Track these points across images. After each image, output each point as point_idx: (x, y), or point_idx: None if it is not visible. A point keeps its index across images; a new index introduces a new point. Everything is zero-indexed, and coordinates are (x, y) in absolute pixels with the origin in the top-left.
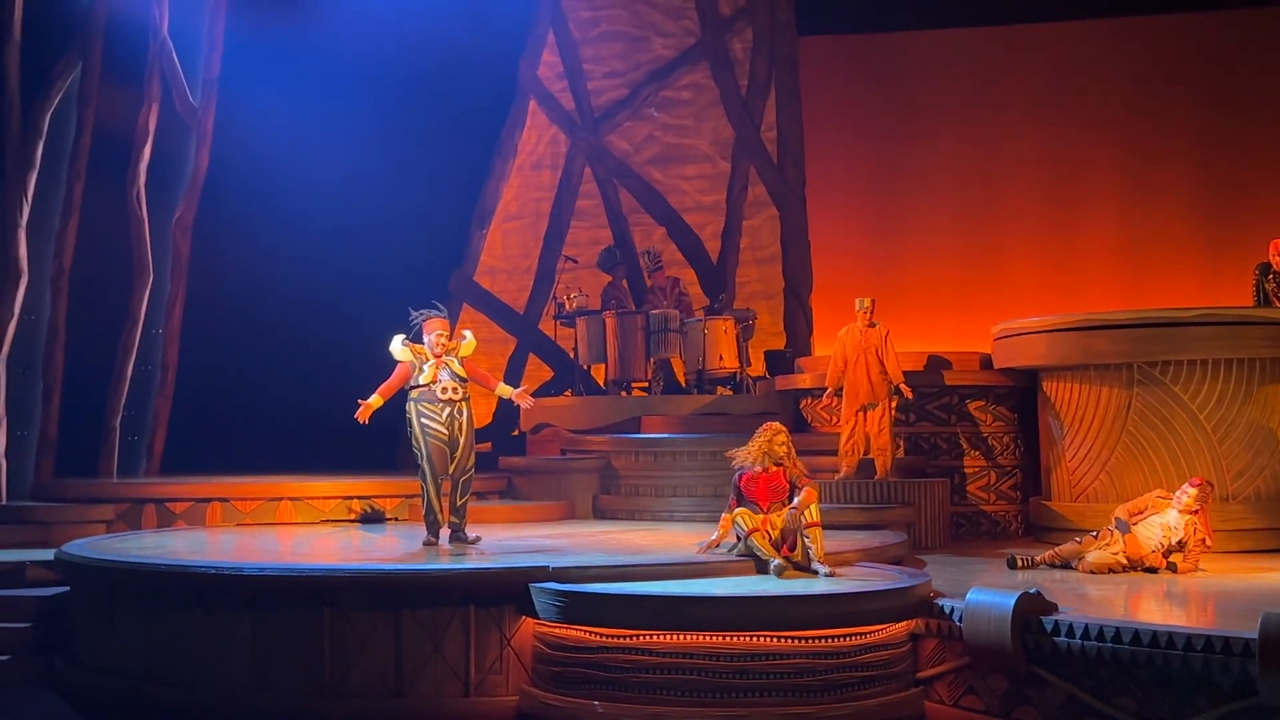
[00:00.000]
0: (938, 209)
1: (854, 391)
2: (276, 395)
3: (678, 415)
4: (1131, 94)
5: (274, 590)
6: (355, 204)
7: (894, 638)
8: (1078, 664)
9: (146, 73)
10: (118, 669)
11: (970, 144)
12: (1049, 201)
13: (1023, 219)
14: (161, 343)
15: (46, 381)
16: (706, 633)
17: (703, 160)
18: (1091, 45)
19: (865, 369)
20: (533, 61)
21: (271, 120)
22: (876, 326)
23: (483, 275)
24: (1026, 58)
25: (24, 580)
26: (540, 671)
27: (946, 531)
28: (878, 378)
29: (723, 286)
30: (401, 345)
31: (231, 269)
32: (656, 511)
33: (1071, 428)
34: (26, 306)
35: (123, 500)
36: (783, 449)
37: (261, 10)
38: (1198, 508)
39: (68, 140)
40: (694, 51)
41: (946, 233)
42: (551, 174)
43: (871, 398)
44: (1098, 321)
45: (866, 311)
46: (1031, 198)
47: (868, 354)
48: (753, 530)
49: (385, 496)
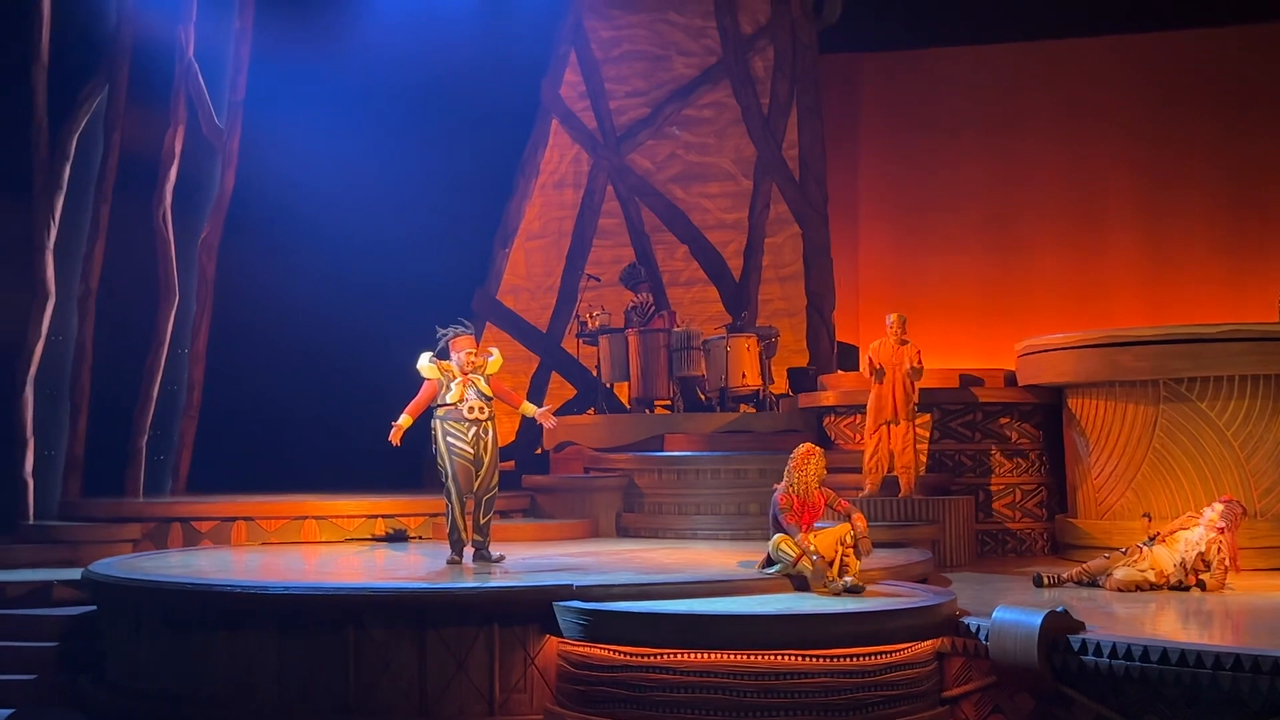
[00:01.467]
0: (961, 225)
1: (879, 406)
2: (301, 414)
3: (701, 433)
4: (1154, 111)
5: (299, 609)
6: (379, 224)
7: (919, 656)
8: (1105, 683)
9: (172, 95)
10: (144, 688)
11: (992, 161)
12: (1072, 218)
13: (1045, 235)
14: (187, 363)
15: (73, 402)
16: (730, 651)
17: (725, 178)
18: (1114, 62)
19: (892, 385)
20: (555, 81)
21: (296, 141)
22: (908, 344)
23: (506, 294)
24: (1048, 74)
25: (51, 599)
26: (564, 690)
27: (971, 549)
28: (903, 395)
29: (745, 304)
30: (429, 362)
31: (256, 289)
32: (680, 529)
33: (1097, 444)
34: (54, 327)
35: (149, 519)
36: (814, 470)
37: (286, 33)
38: (1223, 525)
39: (94, 162)
40: (715, 70)
41: (969, 249)
42: (574, 193)
43: (895, 415)
44: (1124, 338)
45: (898, 327)
46: (1054, 214)
47: (898, 369)
48: (799, 557)
49: (409, 515)
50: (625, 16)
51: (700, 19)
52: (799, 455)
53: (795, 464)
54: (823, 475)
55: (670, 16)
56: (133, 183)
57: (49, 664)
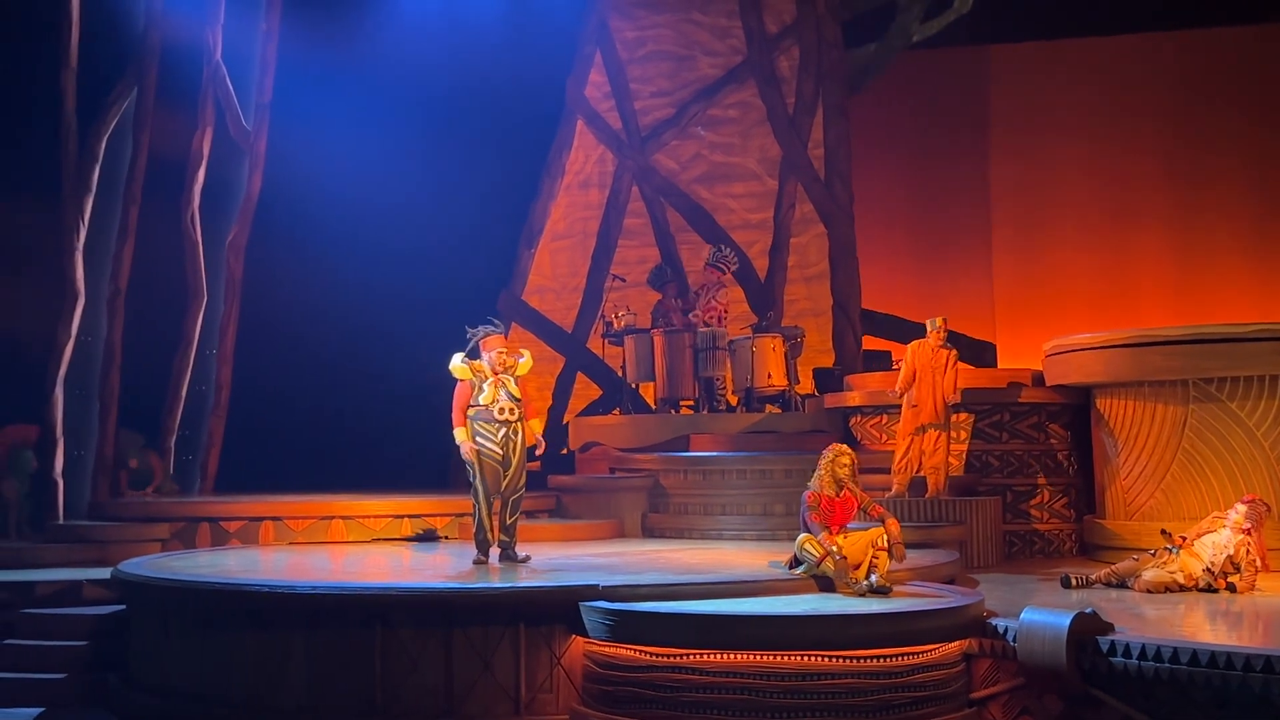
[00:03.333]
0: (987, 225)
1: (918, 408)
2: (328, 414)
3: (726, 434)
4: (1183, 109)
5: (326, 609)
6: (404, 225)
7: (947, 658)
8: (1134, 685)
9: (200, 97)
10: (172, 687)
11: (1019, 159)
12: (1100, 217)
13: (1073, 234)
14: (215, 363)
15: (103, 402)
16: (757, 652)
17: (750, 178)
18: (1142, 60)
19: (932, 388)
20: (580, 82)
21: (322, 143)
22: (948, 348)
23: (531, 294)
24: (1077, 72)
25: (80, 599)
26: (590, 690)
27: (999, 550)
28: (942, 399)
29: (771, 304)
30: (461, 363)
31: (283, 290)
32: (706, 530)
33: (1126, 445)
34: (83, 328)
35: (177, 519)
36: (844, 470)
37: (313, 35)
38: (1248, 525)
39: (123, 164)
40: (741, 70)
41: (995, 249)
42: (599, 193)
43: (934, 417)
44: (1153, 337)
45: (940, 330)
46: (1082, 213)
47: (937, 373)
48: (823, 558)
49: (436, 515)
50: (650, 16)
51: (725, 18)
52: (827, 455)
53: (823, 463)
54: (852, 475)
55: (695, 16)
56: (161, 184)
57: (78, 663)
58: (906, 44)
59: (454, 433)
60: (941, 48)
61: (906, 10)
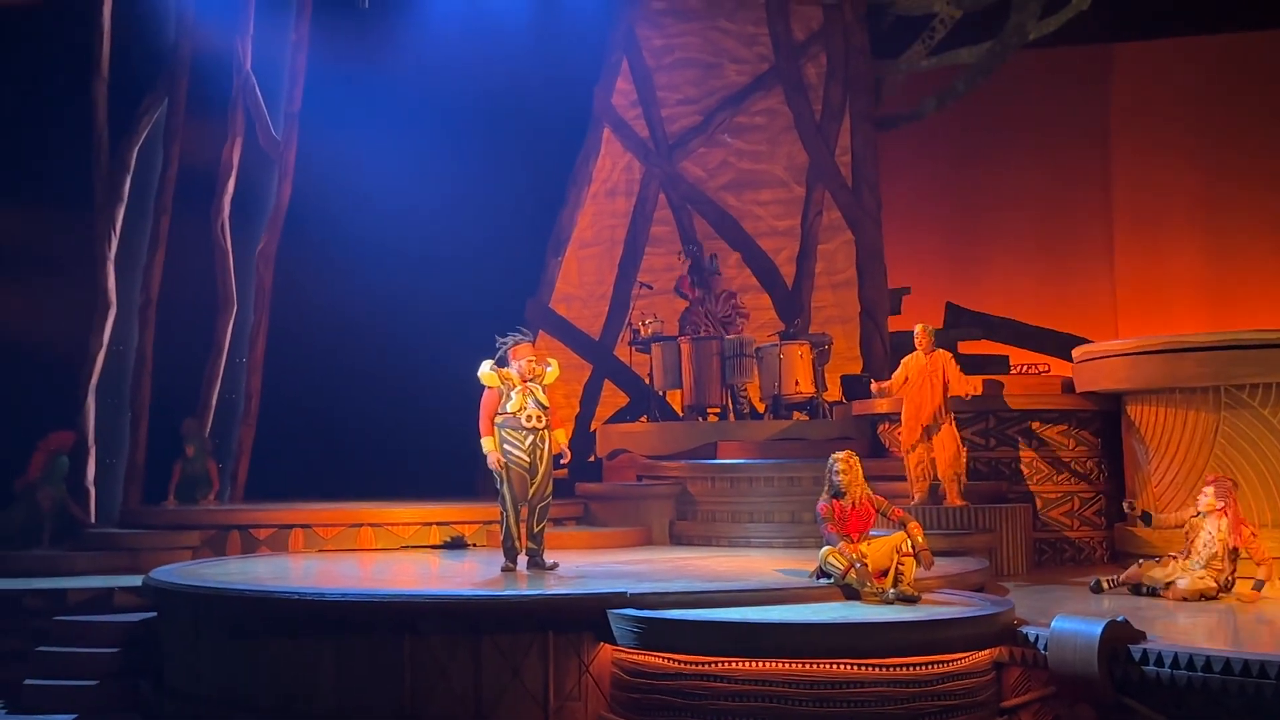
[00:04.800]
0: (1015, 231)
1: (915, 415)
2: (356, 422)
3: (754, 441)
4: (1213, 114)
5: (356, 616)
6: (432, 233)
7: (977, 666)
8: (1167, 693)
9: (230, 107)
10: (203, 694)
11: (1048, 165)
12: (1129, 223)
13: (1102, 240)
14: (245, 371)
15: (134, 410)
16: (785, 660)
17: (777, 185)
18: (1171, 65)
19: (929, 393)
20: (607, 89)
21: (351, 152)
22: (937, 352)
23: (558, 302)
24: (1106, 77)
25: (112, 606)
26: (618, 698)
27: (1029, 558)
28: (939, 403)
29: (798, 311)
30: (490, 370)
31: (312, 299)
32: (733, 537)
33: (1157, 452)
34: (115, 337)
35: (208, 527)
36: (841, 478)
37: (341, 45)
38: (1221, 504)
39: (154, 174)
40: (768, 77)
41: (1023, 254)
42: (626, 201)
43: (933, 420)
44: (1184, 344)
45: (923, 338)
46: (1111, 219)
47: (931, 378)
48: (847, 569)
49: (464, 522)
50: (677, 24)
51: (752, 26)
52: (832, 464)
53: (829, 473)
54: (861, 480)
55: (722, 24)
56: (191, 194)
57: (110, 670)
58: (1023, 42)
59: (481, 442)
60: (1059, 46)
61: (1022, 8)
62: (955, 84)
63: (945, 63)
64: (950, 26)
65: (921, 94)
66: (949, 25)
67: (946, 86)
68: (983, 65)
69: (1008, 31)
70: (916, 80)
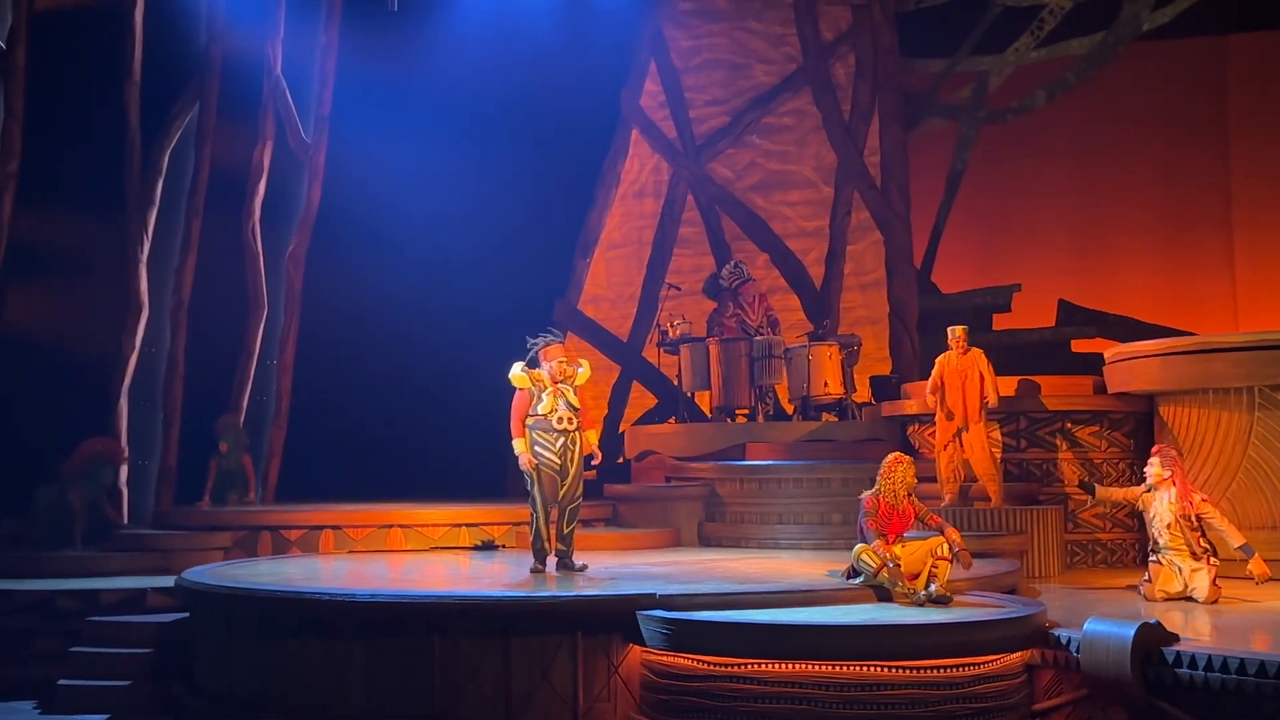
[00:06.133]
0: (1131, 226)
1: (951, 418)
2: (386, 423)
3: (783, 442)
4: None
5: (386, 617)
6: (461, 235)
7: (1009, 668)
8: (1200, 696)
9: (261, 111)
10: (235, 695)
11: (1164, 159)
12: (1248, 219)
13: (1221, 236)
14: (276, 373)
15: (166, 412)
16: (815, 661)
17: (805, 186)
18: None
19: (961, 394)
20: (635, 91)
21: (380, 154)
22: (971, 352)
23: (587, 304)
24: (1222, 69)
25: (145, 606)
26: (648, 700)
27: (1061, 560)
28: (972, 403)
29: (827, 312)
30: (521, 372)
31: (342, 301)
32: (762, 539)
33: (1190, 454)
34: (147, 339)
35: (239, 528)
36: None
37: (371, 48)
38: (1168, 474)
39: (186, 178)
40: (796, 77)
41: (1140, 251)
42: (654, 202)
43: (964, 422)
44: (1216, 344)
45: (959, 339)
46: (1230, 215)
47: (965, 379)
48: (880, 568)
49: (493, 524)
50: (705, 25)
51: (780, 26)
52: (887, 463)
53: (884, 471)
54: (912, 484)
55: (750, 24)
56: (223, 197)
57: (143, 670)
58: (1136, 33)
59: (513, 443)
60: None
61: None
62: (1066, 76)
63: (1055, 54)
64: (1060, 17)
65: (1031, 86)
66: (1059, 16)
67: (1057, 78)
68: (1095, 57)
69: (1121, 22)
70: (1025, 72)
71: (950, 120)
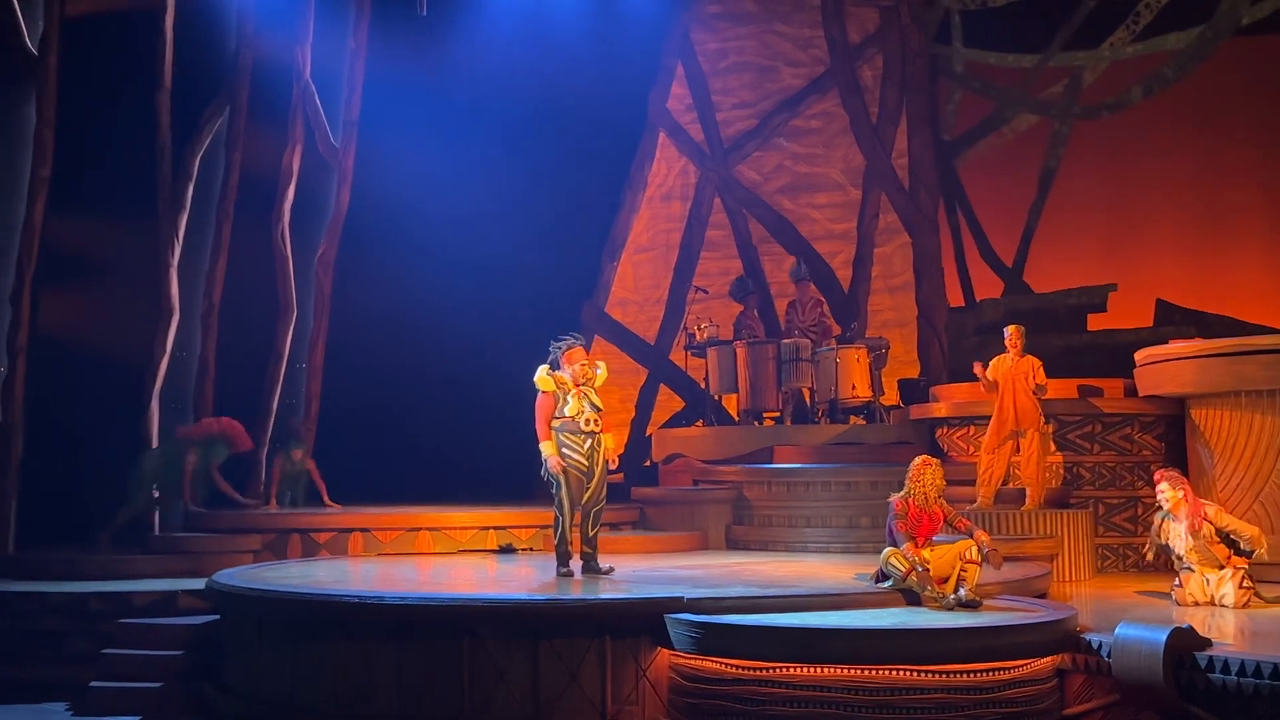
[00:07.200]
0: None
1: (1001, 419)
2: (414, 426)
3: (810, 445)
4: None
5: (415, 620)
6: (488, 239)
7: (1039, 673)
8: (1233, 701)
9: (290, 115)
10: (265, 696)
11: (1269, 156)
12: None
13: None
14: (305, 376)
15: (197, 415)
16: (844, 665)
17: (833, 188)
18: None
19: (1014, 397)
20: (662, 94)
21: (408, 159)
22: (1026, 357)
23: (614, 307)
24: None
25: (176, 609)
26: (676, 703)
27: (1091, 564)
28: (1025, 406)
29: (854, 315)
30: (546, 375)
31: (370, 304)
32: (790, 542)
33: (1222, 457)
34: (178, 342)
35: (269, 530)
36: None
37: (399, 53)
38: (1180, 493)
39: (216, 182)
40: (823, 80)
41: (1242, 249)
42: (681, 205)
43: (1018, 425)
44: (1249, 347)
45: (1013, 339)
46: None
47: (1018, 381)
48: (908, 572)
49: (519, 527)
50: (732, 28)
51: (808, 29)
52: (916, 465)
53: (912, 474)
54: (941, 487)
55: (777, 27)
56: (252, 201)
57: (174, 672)
58: (1235, 27)
59: (541, 446)
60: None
61: None
62: (1164, 71)
63: (1152, 49)
64: (1157, 11)
65: (1127, 82)
66: (1155, 10)
67: (1154, 74)
68: (1193, 51)
69: (1219, 16)
70: (1121, 68)
71: (1043, 117)
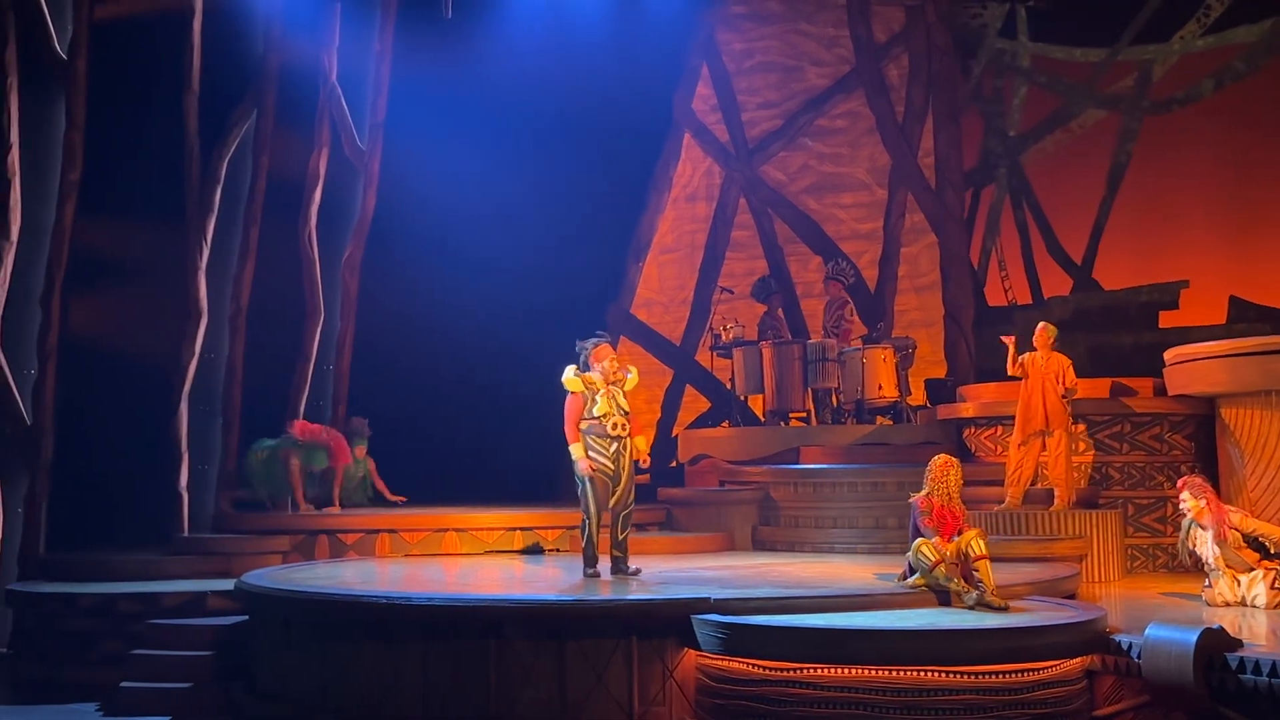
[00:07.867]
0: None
1: (1028, 416)
2: (441, 427)
3: (837, 445)
4: None
5: (442, 620)
6: (514, 240)
7: (1069, 674)
8: (1265, 703)
9: (317, 119)
10: (294, 697)
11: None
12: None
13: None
14: (332, 379)
15: (226, 417)
16: (872, 666)
17: (859, 188)
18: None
19: (1042, 395)
20: (687, 94)
21: (434, 161)
22: (1055, 355)
23: (639, 308)
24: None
25: (205, 609)
26: (703, 704)
27: (1121, 564)
28: (1054, 405)
29: (881, 315)
30: (574, 376)
31: (397, 306)
32: (817, 543)
33: (1252, 456)
34: (206, 345)
35: (297, 532)
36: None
37: (425, 55)
38: (1203, 501)
39: (244, 185)
40: (849, 79)
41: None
42: (706, 206)
43: (1046, 425)
44: (1278, 346)
45: (1043, 337)
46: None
47: (1046, 379)
48: (938, 562)
49: (546, 527)
50: (757, 28)
51: (833, 28)
52: (939, 465)
53: (936, 474)
54: (961, 486)
55: (802, 27)
56: (280, 204)
57: (203, 673)
58: None
59: (570, 449)
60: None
61: None
62: (1236, 64)
63: (1223, 42)
64: (1228, 4)
65: (1197, 75)
66: (1226, 2)
67: (1225, 66)
68: (1265, 44)
69: None
70: (1191, 61)
71: (1112, 111)
